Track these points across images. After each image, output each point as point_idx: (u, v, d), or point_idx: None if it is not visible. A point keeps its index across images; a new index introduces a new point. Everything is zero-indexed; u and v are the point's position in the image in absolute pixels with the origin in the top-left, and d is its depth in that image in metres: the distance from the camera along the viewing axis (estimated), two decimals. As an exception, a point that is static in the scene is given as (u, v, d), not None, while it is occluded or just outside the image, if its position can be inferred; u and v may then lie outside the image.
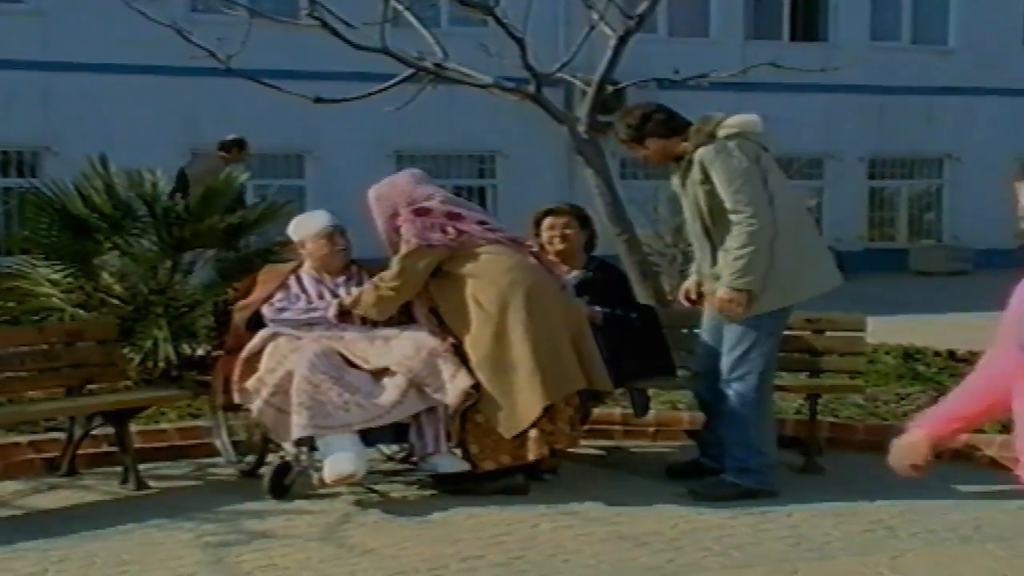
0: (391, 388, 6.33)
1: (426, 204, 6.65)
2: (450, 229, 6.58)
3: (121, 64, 19.81)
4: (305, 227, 7.07)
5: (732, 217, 6.12)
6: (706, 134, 6.26)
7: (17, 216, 20.85)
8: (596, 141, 10.13)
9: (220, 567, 5.32)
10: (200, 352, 9.12)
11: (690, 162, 6.25)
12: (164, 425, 7.55)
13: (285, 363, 6.39)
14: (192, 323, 9.20)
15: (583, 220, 7.44)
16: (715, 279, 6.31)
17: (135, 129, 19.31)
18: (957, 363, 10.10)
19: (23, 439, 7.13)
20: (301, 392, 6.20)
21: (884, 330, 10.02)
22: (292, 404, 6.23)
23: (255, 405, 6.42)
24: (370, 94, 10.33)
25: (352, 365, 6.44)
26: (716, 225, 6.25)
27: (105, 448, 7.04)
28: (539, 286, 6.56)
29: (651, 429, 7.78)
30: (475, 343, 6.43)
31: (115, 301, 8.95)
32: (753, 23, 24.38)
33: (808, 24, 25.08)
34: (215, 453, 7.20)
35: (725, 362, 6.42)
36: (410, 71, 10.25)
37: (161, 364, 8.15)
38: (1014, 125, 25.60)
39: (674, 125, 6.44)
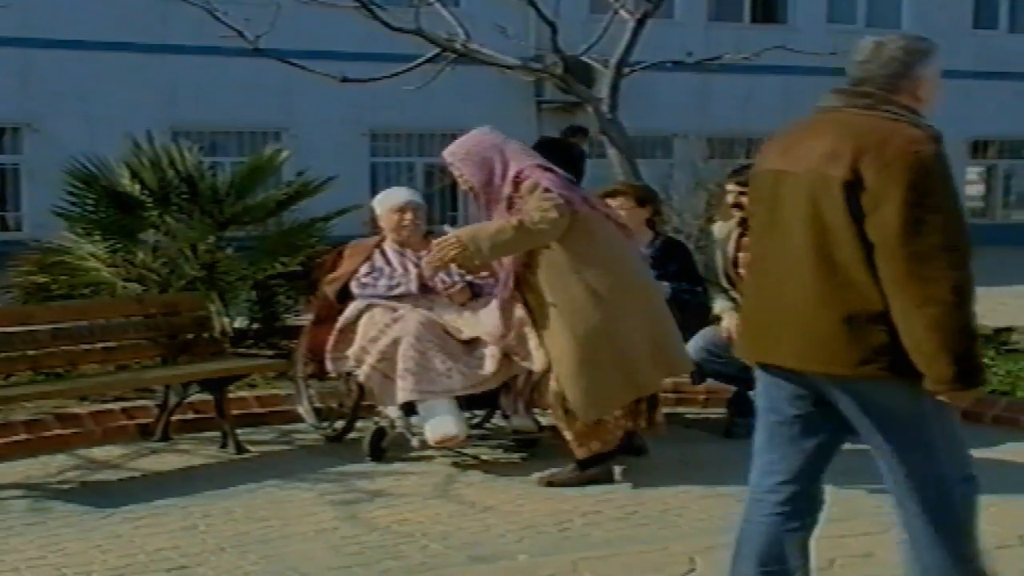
0: (488, 356, 6.61)
1: (541, 163, 6.37)
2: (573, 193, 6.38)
3: (100, 41, 19.87)
4: (383, 201, 7.36)
5: None
6: None
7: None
8: (619, 121, 10.48)
9: (357, 522, 5.60)
10: (237, 325, 9.43)
11: None
12: (242, 393, 7.80)
13: (389, 332, 6.64)
14: (235, 297, 9.50)
15: (640, 199, 7.69)
16: None
17: (114, 106, 19.37)
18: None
19: (116, 406, 7.37)
20: (408, 359, 6.47)
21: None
22: (398, 370, 6.50)
23: (362, 372, 6.68)
24: (395, 74, 10.55)
25: (447, 334, 6.74)
26: None
27: (191, 415, 7.30)
28: (639, 264, 6.61)
29: (701, 396, 8.16)
30: (574, 315, 6.16)
31: (154, 276, 9.18)
32: (715, 5, 24.85)
33: (768, 6, 25.58)
34: (293, 420, 7.48)
35: None
36: (436, 50, 10.51)
37: (217, 336, 8.42)
38: (963, 108, 26.26)
39: None
